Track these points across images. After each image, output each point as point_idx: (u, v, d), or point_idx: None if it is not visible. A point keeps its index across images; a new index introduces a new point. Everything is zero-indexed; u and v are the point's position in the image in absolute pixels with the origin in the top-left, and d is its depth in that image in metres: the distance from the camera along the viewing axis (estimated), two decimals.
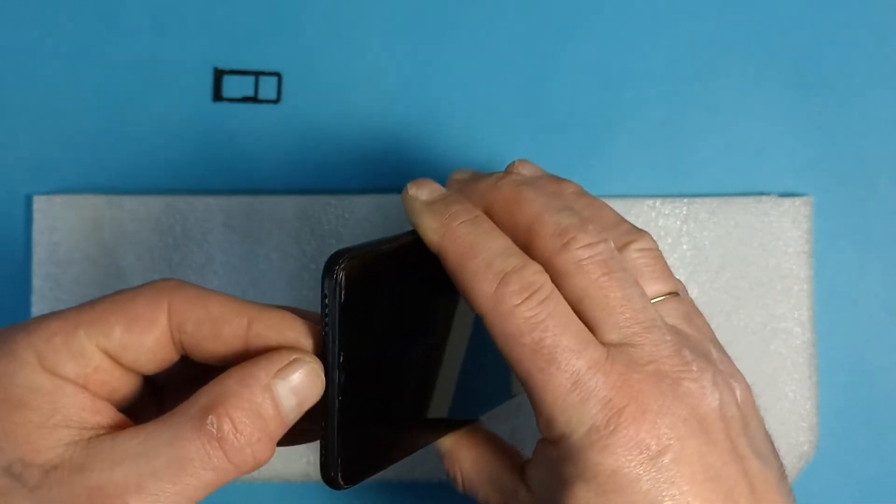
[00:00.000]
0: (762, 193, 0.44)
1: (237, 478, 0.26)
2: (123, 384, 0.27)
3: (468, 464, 0.33)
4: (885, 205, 0.44)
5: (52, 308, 0.42)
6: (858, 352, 0.44)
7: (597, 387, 0.27)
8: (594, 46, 0.44)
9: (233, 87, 0.44)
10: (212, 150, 0.44)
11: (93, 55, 0.44)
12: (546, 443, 0.29)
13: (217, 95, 0.44)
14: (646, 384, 0.27)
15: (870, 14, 0.45)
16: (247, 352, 0.27)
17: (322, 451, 0.28)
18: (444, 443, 0.33)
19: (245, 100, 0.44)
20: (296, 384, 0.27)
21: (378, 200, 0.43)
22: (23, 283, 0.43)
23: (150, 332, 0.27)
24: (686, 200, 0.43)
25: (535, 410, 0.28)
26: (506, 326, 0.27)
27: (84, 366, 0.26)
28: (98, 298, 0.27)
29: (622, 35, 0.45)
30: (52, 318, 0.26)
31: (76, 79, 0.44)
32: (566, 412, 0.27)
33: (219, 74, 0.44)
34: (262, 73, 0.44)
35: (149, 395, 0.29)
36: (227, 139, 0.44)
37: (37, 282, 0.42)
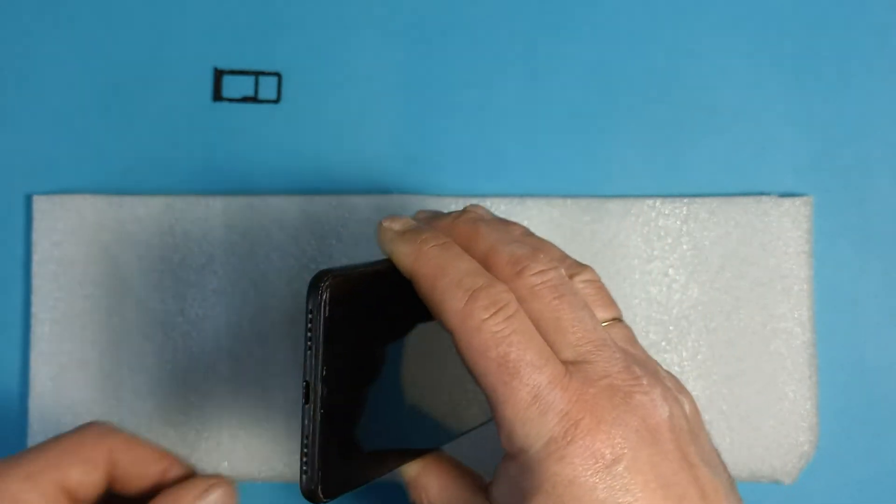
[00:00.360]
0: (762, 193, 0.44)
1: (236, 478, 0.27)
2: None
3: (434, 490, 0.34)
4: (885, 205, 0.44)
5: (52, 308, 0.42)
6: (858, 352, 0.44)
7: (555, 401, 0.28)
8: (594, 46, 0.44)
9: (233, 87, 0.44)
10: (212, 150, 0.44)
11: (93, 55, 0.44)
12: (507, 460, 0.30)
13: (217, 95, 0.44)
14: (600, 398, 0.28)
15: (870, 14, 0.45)
16: (163, 485, 0.32)
17: (303, 465, 0.29)
18: (409, 471, 0.34)
19: (245, 100, 0.44)
20: (216, 501, 0.31)
21: (378, 201, 0.43)
22: (23, 283, 0.43)
23: (97, 472, 0.31)
24: (686, 200, 0.43)
25: (497, 425, 0.29)
26: (473, 340, 0.29)
27: (48, 502, 0.31)
28: (49, 441, 0.32)
29: (622, 35, 0.45)
30: (23, 462, 0.31)
31: (76, 79, 0.44)
32: (525, 425, 0.28)
33: (219, 74, 0.44)
34: (262, 73, 0.44)
35: None
36: (227, 139, 0.44)
37: (37, 282, 0.42)
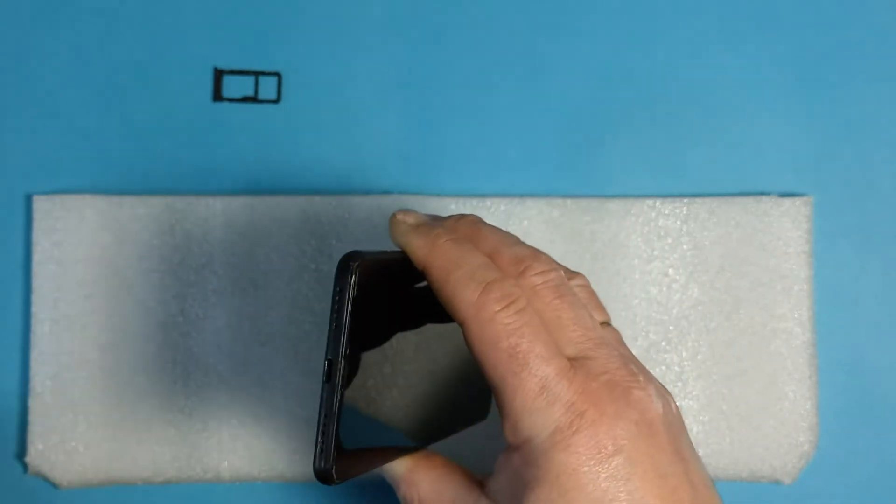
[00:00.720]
0: (762, 193, 0.44)
1: (237, 478, 0.26)
2: None
3: (426, 486, 0.34)
4: (885, 205, 0.44)
5: (52, 308, 0.42)
6: (858, 352, 0.44)
7: (562, 392, 0.29)
8: (594, 46, 0.44)
9: (233, 87, 0.44)
10: (212, 150, 0.44)
11: (93, 55, 0.44)
12: (509, 451, 0.31)
13: (217, 95, 0.44)
14: (602, 392, 0.30)
15: (870, 14, 0.45)
16: None
17: (318, 444, 0.29)
18: (399, 468, 0.34)
19: (245, 100, 0.44)
20: None
21: (378, 200, 0.43)
22: (23, 283, 0.43)
23: None
24: (686, 200, 0.43)
25: (503, 416, 0.30)
26: (485, 331, 0.30)
27: None
28: None
29: (622, 35, 0.45)
30: None
31: (76, 79, 0.44)
32: (533, 415, 0.29)
33: (219, 74, 0.44)
34: (262, 73, 0.44)
35: None
36: (227, 139, 0.44)
37: (37, 282, 0.42)
